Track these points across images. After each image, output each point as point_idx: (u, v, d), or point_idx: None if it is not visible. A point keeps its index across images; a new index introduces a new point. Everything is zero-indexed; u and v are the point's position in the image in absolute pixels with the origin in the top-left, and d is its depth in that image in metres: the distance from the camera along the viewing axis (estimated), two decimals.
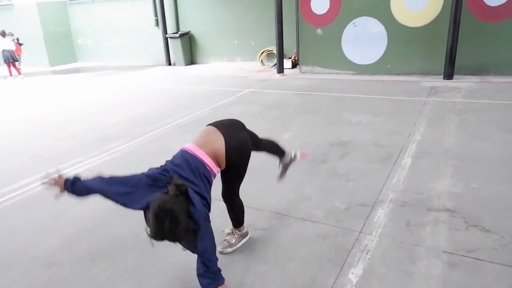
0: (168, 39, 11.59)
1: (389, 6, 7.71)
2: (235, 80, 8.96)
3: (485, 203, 3.04)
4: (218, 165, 2.30)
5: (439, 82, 7.14)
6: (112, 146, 5.04)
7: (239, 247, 2.71)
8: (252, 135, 2.61)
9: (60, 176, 2.06)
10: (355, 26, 8.13)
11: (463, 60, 7.19)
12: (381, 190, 3.36)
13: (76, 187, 2.03)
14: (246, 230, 2.78)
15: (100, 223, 3.18)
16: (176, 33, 11.46)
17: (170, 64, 12.02)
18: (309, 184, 3.58)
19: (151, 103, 7.23)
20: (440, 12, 7.33)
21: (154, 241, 1.88)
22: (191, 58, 11.85)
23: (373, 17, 7.88)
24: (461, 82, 6.97)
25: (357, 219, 2.97)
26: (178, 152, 2.30)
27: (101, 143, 5.18)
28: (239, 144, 2.37)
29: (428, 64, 7.68)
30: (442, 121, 4.97)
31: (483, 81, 6.92)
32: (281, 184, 3.38)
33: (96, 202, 2.44)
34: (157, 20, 11.98)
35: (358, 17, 8.02)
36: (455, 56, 7.07)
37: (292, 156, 2.98)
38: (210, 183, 2.22)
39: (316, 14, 8.47)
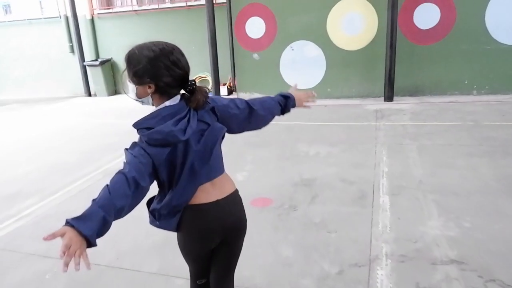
0: (87, 67, 10.39)
1: (326, 30, 7.60)
2: None
3: (488, 248, 2.68)
4: None
5: (382, 104, 7.09)
6: (19, 207, 3.94)
7: None
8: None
9: (54, 234, 1.24)
10: (292, 49, 7.88)
11: (400, 82, 7.26)
12: (371, 242, 2.85)
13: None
14: None
15: None
16: (96, 60, 10.33)
17: (90, 95, 10.77)
18: (285, 242, 2.95)
19: (71, 145, 6.11)
20: (375, 35, 7.37)
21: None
22: (114, 88, 10.74)
23: (311, 40, 7.71)
24: (402, 104, 6.99)
25: (356, 286, 2.40)
26: None
27: (3, 204, 4.04)
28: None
29: (367, 87, 7.66)
30: (401, 148, 4.72)
31: (422, 102, 7.01)
32: (250, 247, 2.72)
33: None
34: (72, 47, 10.72)
35: (296, 40, 7.80)
36: (394, 78, 7.10)
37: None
38: None
39: (252, 38, 8.09)
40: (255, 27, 8.02)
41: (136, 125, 1.53)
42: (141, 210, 3.60)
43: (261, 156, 4.86)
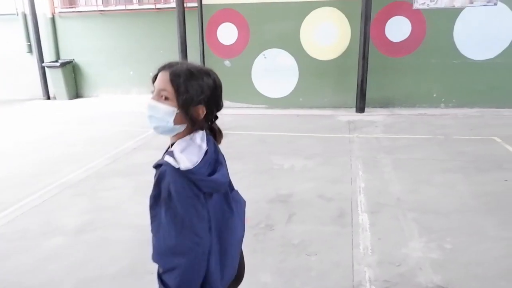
0: (46, 68, 9.77)
1: (299, 38, 7.53)
2: (134, 117, 7.74)
3: (473, 271, 2.60)
4: None
5: (354, 115, 7.08)
6: None
7: None
8: None
9: None
10: (265, 57, 7.74)
11: (372, 93, 7.29)
12: (353, 266, 2.70)
13: None
14: None
15: None
16: (56, 61, 9.72)
17: (49, 98, 10.11)
18: (263, 266, 2.75)
19: (26, 153, 5.62)
20: (348, 46, 7.38)
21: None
22: (75, 91, 10.15)
23: (284, 49, 7.61)
24: (374, 116, 7.01)
25: None
26: None
27: None
28: None
29: (339, 97, 7.64)
30: (376, 163, 4.66)
31: (393, 114, 7.07)
32: None
33: None
34: (30, 46, 10.05)
35: (269, 48, 7.67)
36: (366, 89, 7.11)
37: None
38: None
39: (224, 45, 7.88)
40: (227, 33, 7.82)
41: (194, 174, 1.25)
42: (105, 231, 3.30)
43: (234, 170, 4.59)
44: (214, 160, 1.34)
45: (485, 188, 3.87)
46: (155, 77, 1.34)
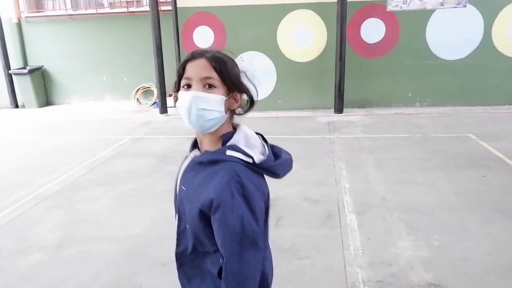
0: (13, 75, 9.35)
1: (276, 41, 7.52)
2: (109, 124, 7.52)
3: (461, 268, 2.63)
4: None
5: (332, 116, 7.13)
6: None
7: None
8: None
9: None
10: (243, 60, 7.67)
11: (349, 94, 7.37)
12: (345, 268, 2.68)
13: None
14: None
15: None
16: (24, 68, 9.33)
17: (17, 106, 9.69)
18: None
19: None
20: (325, 48, 7.44)
21: None
22: (45, 99, 9.77)
23: (261, 52, 7.58)
24: (352, 116, 7.08)
25: None
26: None
27: None
28: None
29: (317, 99, 7.69)
30: (359, 163, 4.69)
31: (371, 114, 7.16)
32: None
33: None
34: None
35: (246, 51, 7.62)
36: (344, 90, 7.19)
37: None
38: None
39: (200, 48, 7.76)
40: (203, 37, 7.73)
41: (268, 162, 1.15)
42: (85, 246, 3.15)
43: None
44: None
45: (466, 185, 3.95)
46: (182, 69, 1.18)
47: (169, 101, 8.46)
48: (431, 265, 2.66)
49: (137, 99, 9.11)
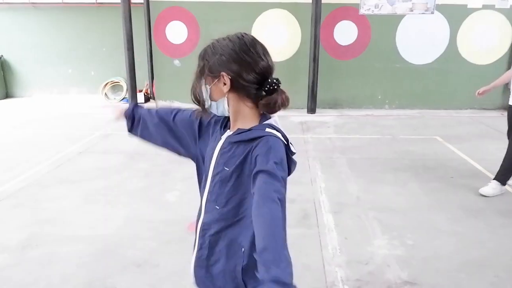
0: None
1: None
2: (75, 119, 7.21)
3: (434, 266, 2.72)
4: None
5: (305, 116, 7.20)
6: None
7: None
8: None
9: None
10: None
11: (321, 94, 7.47)
12: (324, 267, 2.70)
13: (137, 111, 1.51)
14: None
15: None
16: None
17: None
18: None
19: None
20: (298, 48, 7.49)
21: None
22: (5, 90, 9.26)
23: None
24: (325, 116, 7.18)
25: None
26: None
27: None
28: None
29: (290, 99, 7.64)
30: (333, 163, 4.76)
31: (342, 115, 7.30)
32: None
33: None
34: None
35: None
36: (317, 91, 7.27)
37: None
38: None
39: (173, 43, 7.62)
40: (176, 32, 7.57)
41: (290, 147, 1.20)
42: (53, 246, 2.98)
43: (191, 174, 4.43)
44: None
45: (434, 185, 4.10)
46: None
47: (140, 97, 8.25)
48: (406, 263, 2.73)
49: (105, 93, 8.81)
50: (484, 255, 2.86)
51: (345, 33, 7.40)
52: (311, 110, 7.34)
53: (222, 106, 1.22)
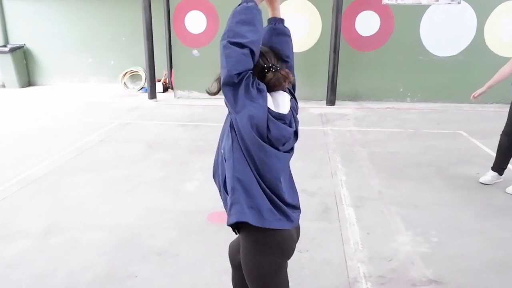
0: None
1: None
2: (96, 107, 7.28)
3: (459, 265, 2.63)
4: None
5: (325, 108, 7.09)
6: None
7: None
8: None
9: None
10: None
11: (341, 86, 7.33)
12: (346, 262, 2.65)
13: None
14: None
15: None
16: (5, 46, 8.94)
17: None
18: None
19: None
20: (318, 39, 7.35)
21: None
22: (28, 79, 9.41)
23: None
24: (344, 109, 7.06)
25: None
26: None
27: None
28: None
29: (309, 90, 7.61)
30: (353, 156, 4.67)
31: (362, 107, 7.16)
32: (214, 274, 2.36)
33: None
34: None
35: None
36: (336, 83, 7.14)
37: None
38: None
39: (192, 33, 7.57)
40: (195, 22, 7.52)
41: None
42: (74, 234, 3.01)
43: (209, 163, 4.42)
44: None
45: (458, 182, 3.97)
46: None
47: (158, 86, 8.26)
48: (431, 261, 2.65)
49: (124, 83, 8.86)
50: (511, 255, 2.76)
51: (367, 23, 7.22)
52: (331, 102, 7.22)
53: None
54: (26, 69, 9.33)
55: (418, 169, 4.31)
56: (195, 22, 7.52)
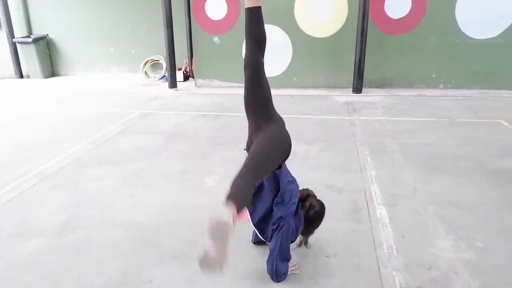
0: (17, 44, 8.99)
1: (293, 15, 7.05)
2: (116, 97, 7.19)
3: (510, 277, 2.33)
4: None
5: (351, 96, 6.74)
6: None
7: None
8: None
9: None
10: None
11: (368, 73, 6.93)
12: (379, 270, 2.39)
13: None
14: None
15: None
16: (29, 37, 8.97)
17: (22, 77, 9.39)
18: None
19: None
20: (344, 23, 6.96)
21: None
22: (51, 69, 9.44)
23: (277, 25, 7.12)
24: (371, 96, 6.68)
25: None
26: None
27: None
28: None
29: (334, 77, 7.27)
30: (383, 148, 4.35)
31: (391, 95, 6.75)
32: (235, 279, 2.17)
33: None
34: None
35: None
36: (363, 69, 6.76)
37: None
38: None
39: (212, 20, 7.33)
40: (215, 8, 7.26)
41: None
42: (89, 232, 2.88)
43: (230, 156, 4.23)
44: None
45: (503, 177, 3.61)
46: None
47: (179, 75, 8.10)
48: (477, 271, 2.36)
49: (145, 72, 8.74)
50: None
51: (397, 5, 6.75)
52: (357, 89, 6.85)
53: None
54: (49, 59, 9.35)
55: (456, 162, 3.95)
56: (215, 8, 7.26)
